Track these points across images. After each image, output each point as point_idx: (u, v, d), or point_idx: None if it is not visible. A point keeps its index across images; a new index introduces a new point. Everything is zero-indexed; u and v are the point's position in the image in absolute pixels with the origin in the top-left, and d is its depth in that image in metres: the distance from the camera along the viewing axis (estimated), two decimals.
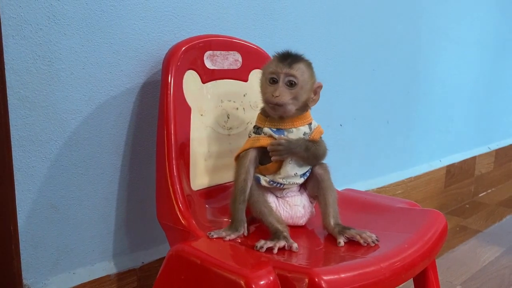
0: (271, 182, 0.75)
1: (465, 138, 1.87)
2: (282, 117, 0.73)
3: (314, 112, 0.78)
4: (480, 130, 1.97)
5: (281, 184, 0.75)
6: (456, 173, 1.80)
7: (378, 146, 1.45)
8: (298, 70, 0.71)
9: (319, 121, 0.78)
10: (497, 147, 2.08)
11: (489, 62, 1.92)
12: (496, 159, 2.07)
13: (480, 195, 2.00)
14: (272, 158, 0.73)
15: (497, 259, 1.36)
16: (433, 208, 1.67)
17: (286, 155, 0.73)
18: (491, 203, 1.89)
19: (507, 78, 2.09)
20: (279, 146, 0.72)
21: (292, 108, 0.72)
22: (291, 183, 0.75)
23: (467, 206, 1.86)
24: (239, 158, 0.75)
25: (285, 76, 0.71)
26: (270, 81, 0.72)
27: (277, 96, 0.71)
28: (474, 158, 1.91)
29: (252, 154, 0.74)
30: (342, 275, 0.57)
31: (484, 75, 1.91)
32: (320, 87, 0.74)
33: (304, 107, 0.74)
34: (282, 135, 0.73)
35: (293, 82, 0.71)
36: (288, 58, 0.72)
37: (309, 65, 0.74)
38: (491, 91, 1.98)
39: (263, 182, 0.75)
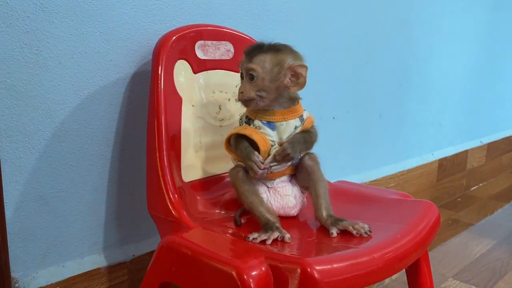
0: None
1: (457, 132, 1.88)
2: (273, 109, 0.73)
3: (306, 104, 0.77)
4: (472, 124, 1.97)
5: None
6: (448, 166, 1.80)
7: (371, 139, 1.44)
8: (257, 62, 0.71)
9: (312, 113, 0.77)
10: (489, 141, 2.09)
11: (481, 56, 1.93)
12: (488, 153, 2.08)
13: (472, 188, 2.01)
14: (283, 164, 0.74)
15: (489, 252, 1.37)
16: None
17: (295, 156, 0.73)
18: (483, 197, 1.90)
19: (499, 71, 2.10)
20: (287, 151, 0.71)
21: (263, 100, 0.72)
22: (278, 169, 0.75)
23: (459, 199, 1.87)
24: (231, 176, 0.75)
25: (246, 70, 0.72)
26: (241, 77, 0.73)
27: (241, 93, 0.72)
28: (466, 151, 1.91)
29: (242, 171, 0.74)
30: (335, 265, 0.57)
31: (476, 69, 1.91)
32: (296, 66, 0.71)
33: (292, 99, 0.74)
34: (272, 129, 0.73)
35: (252, 76, 0.71)
36: (253, 52, 0.72)
37: (277, 51, 0.72)
38: (483, 85, 1.99)
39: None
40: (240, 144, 0.72)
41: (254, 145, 0.72)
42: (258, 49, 0.72)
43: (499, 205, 1.80)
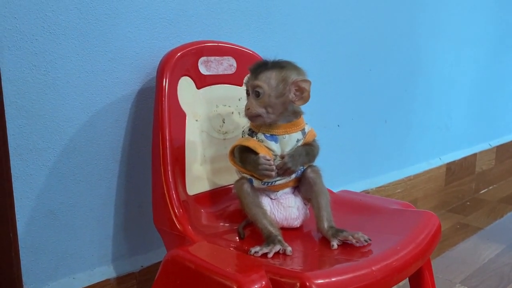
0: (263, 183, 0.76)
1: (465, 135, 1.87)
2: (275, 123, 0.75)
3: (310, 113, 0.79)
4: (481, 126, 1.96)
5: (271, 183, 0.76)
6: (457, 170, 1.80)
7: (377, 145, 1.45)
8: (263, 79, 0.73)
9: (316, 122, 0.79)
10: (498, 144, 2.08)
11: (488, 58, 1.92)
12: (497, 156, 2.07)
13: (481, 192, 2.00)
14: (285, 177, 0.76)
15: (497, 257, 1.36)
16: (434, 206, 1.68)
17: (296, 169, 0.75)
18: (492, 200, 1.89)
19: (507, 74, 2.09)
20: (287, 165, 0.73)
21: (270, 116, 0.73)
22: (281, 182, 0.76)
23: (468, 203, 1.86)
24: (236, 187, 0.77)
25: (252, 87, 0.74)
26: (246, 93, 0.76)
27: (248, 109, 0.74)
28: (475, 155, 1.90)
29: (246, 183, 0.76)
30: (333, 279, 0.58)
31: (483, 72, 1.90)
32: (300, 81, 0.73)
33: (295, 113, 0.76)
34: (274, 142, 0.74)
35: (258, 93, 0.73)
36: (258, 69, 0.74)
37: (281, 68, 0.74)
38: (491, 88, 1.98)
39: (256, 183, 0.76)
40: (247, 158, 0.74)
41: None
42: (263, 66, 0.74)
43: (508, 209, 1.78)
